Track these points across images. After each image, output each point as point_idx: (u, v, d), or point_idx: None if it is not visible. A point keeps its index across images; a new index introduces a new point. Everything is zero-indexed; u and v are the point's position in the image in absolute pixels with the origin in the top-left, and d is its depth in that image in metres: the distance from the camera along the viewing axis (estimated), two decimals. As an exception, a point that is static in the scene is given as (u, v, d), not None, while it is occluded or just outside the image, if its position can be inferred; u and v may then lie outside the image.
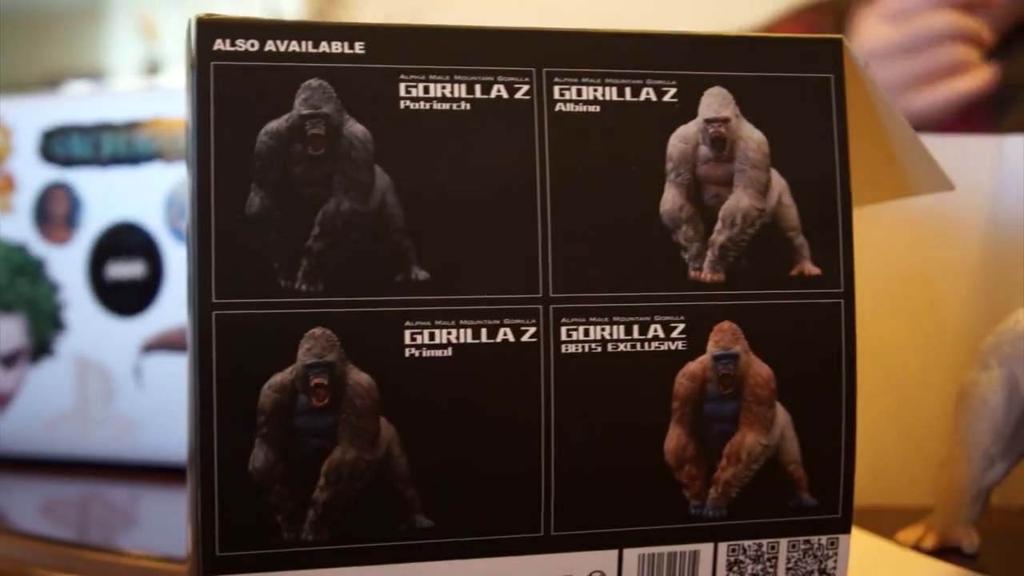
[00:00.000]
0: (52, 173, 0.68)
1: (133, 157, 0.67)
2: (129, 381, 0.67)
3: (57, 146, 0.68)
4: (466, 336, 0.36)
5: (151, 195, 0.66)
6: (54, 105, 0.69)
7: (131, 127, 0.67)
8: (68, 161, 0.68)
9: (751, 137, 0.38)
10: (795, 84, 0.39)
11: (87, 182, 0.67)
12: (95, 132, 0.67)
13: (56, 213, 0.68)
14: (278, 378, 0.35)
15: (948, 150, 0.58)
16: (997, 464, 0.47)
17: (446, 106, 0.36)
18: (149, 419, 0.66)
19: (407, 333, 0.36)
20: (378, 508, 0.36)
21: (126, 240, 0.67)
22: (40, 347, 0.68)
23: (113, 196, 0.67)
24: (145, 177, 0.67)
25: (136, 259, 0.67)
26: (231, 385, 0.34)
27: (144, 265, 0.67)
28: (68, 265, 0.68)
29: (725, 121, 0.38)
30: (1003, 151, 0.58)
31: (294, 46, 0.36)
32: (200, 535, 0.35)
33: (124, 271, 0.67)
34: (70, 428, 0.68)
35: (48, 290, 0.68)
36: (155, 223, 0.66)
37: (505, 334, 0.36)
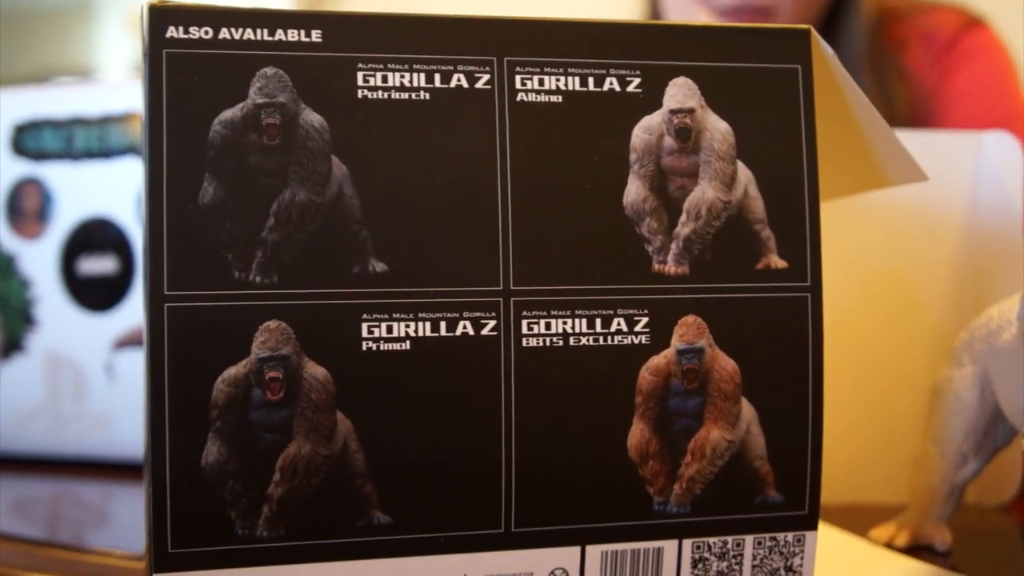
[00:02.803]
0: (24, 167, 0.67)
1: (105, 151, 0.66)
2: (101, 377, 0.66)
3: (29, 140, 0.67)
4: (425, 329, 0.35)
5: (123, 190, 0.66)
6: (26, 98, 0.68)
7: (104, 121, 0.66)
8: (40, 155, 0.67)
9: (717, 128, 0.38)
10: (762, 75, 0.38)
11: (59, 177, 0.67)
12: (67, 126, 0.67)
13: (27, 208, 0.67)
14: (232, 371, 0.34)
15: (927, 145, 0.57)
16: (970, 461, 0.47)
17: (405, 95, 0.36)
18: (121, 416, 0.66)
19: (364, 326, 0.35)
20: (335, 504, 0.35)
21: (98, 235, 0.66)
22: (11, 343, 0.67)
23: (85, 191, 0.66)
24: (117, 172, 0.66)
25: (108, 254, 0.66)
26: (183, 379, 0.34)
27: (116, 260, 0.66)
28: (39, 260, 0.67)
29: (690, 112, 0.37)
30: (982, 146, 0.58)
31: (249, 34, 0.35)
32: (152, 531, 0.34)
33: (96, 266, 0.66)
34: (41, 425, 0.67)
35: (19, 286, 0.67)
36: (127, 218, 0.66)
37: (465, 327, 0.36)
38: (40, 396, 0.67)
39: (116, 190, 0.66)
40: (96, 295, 0.66)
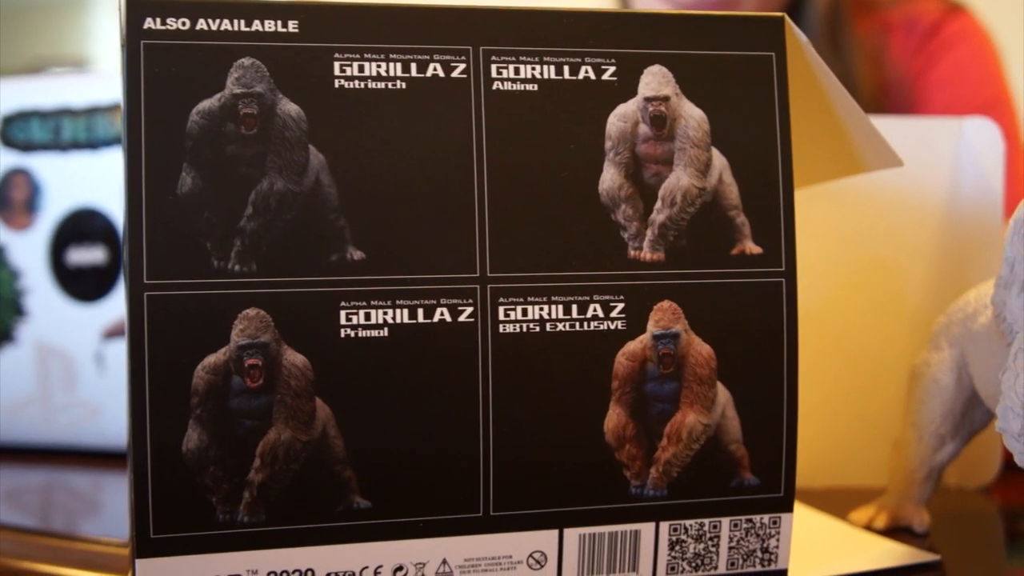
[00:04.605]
0: (11, 158, 0.67)
1: (93, 142, 0.66)
2: (91, 367, 0.66)
3: (17, 131, 0.67)
4: (402, 316, 0.36)
5: (111, 180, 0.66)
6: (13, 89, 0.69)
7: (91, 112, 0.67)
8: (28, 146, 0.67)
9: (691, 115, 0.38)
10: (736, 62, 0.38)
11: (47, 167, 0.67)
12: (55, 117, 0.67)
13: (16, 199, 0.67)
14: (211, 359, 0.35)
15: (909, 131, 0.58)
16: (948, 444, 0.47)
17: (381, 85, 0.36)
18: (111, 405, 0.66)
19: (343, 313, 0.35)
20: (315, 489, 0.35)
21: (87, 226, 0.66)
22: (1, 334, 0.68)
23: (73, 181, 0.67)
24: (105, 162, 0.66)
25: (97, 245, 0.66)
26: (163, 367, 0.34)
27: (105, 251, 0.66)
28: (29, 251, 0.67)
29: (665, 99, 0.38)
30: (963, 132, 0.58)
31: (226, 24, 0.35)
32: (134, 518, 0.34)
33: (85, 257, 0.67)
34: (32, 415, 0.67)
35: (9, 276, 0.67)
36: (115, 208, 0.66)
37: (442, 314, 0.36)
38: (31, 386, 0.67)
39: (104, 180, 0.66)
40: (85, 285, 0.66)
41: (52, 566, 0.48)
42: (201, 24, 0.35)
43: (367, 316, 0.36)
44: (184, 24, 0.35)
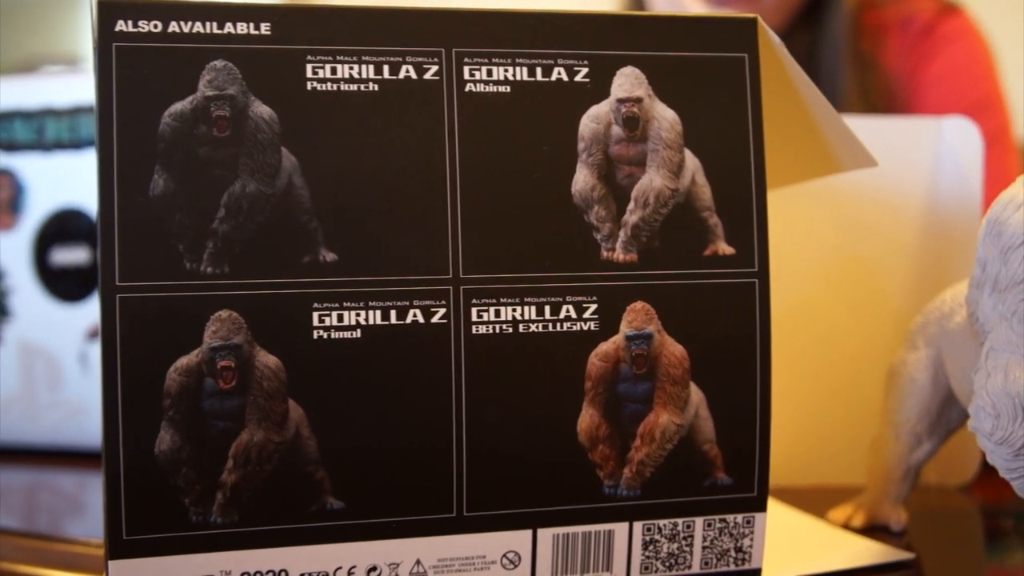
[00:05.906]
0: (-5, 159, 0.68)
1: (76, 142, 0.66)
2: (75, 367, 0.66)
3: (0, 131, 0.67)
4: (375, 318, 0.36)
5: (95, 180, 0.66)
6: (-3, 90, 0.69)
7: (74, 112, 0.67)
8: (11, 146, 0.67)
9: (664, 117, 0.38)
10: (709, 64, 0.39)
11: (30, 167, 0.67)
12: (38, 117, 0.67)
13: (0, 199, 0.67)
14: (184, 361, 0.35)
15: (888, 131, 0.58)
16: (924, 443, 0.47)
17: (354, 87, 0.36)
18: (95, 405, 0.66)
19: (315, 315, 0.36)
20: (287, 490, 0.36)
21: (70, 226, 0.66)
22: (-15, 334, 0.68)
23: (57, 181, 0.67)
24: (89, 162, 0.66)
25: (80, 245, 0.66)
26: (136, 368, 0.34)
27: (89, 251, 0.66)
28: (12, 251, 0.67)
29: (638, 101, 0.38)
30: (942, 132, 0.58)
31: (198, 27, 0.35)
32: (107, 519, 0.34)
33: (69, 257, 0.67)
34: (16, 414, 0.67)
35: (-8, 276, 0.67)
36: (99, 208, 0.66)
37: (415, 315, 0.36)
38: (15, 386, 0.67)
39: (88, 180, 0.66)
40: (69, 285, 0.66)
41: (32, 567, 0.48)
42: (173, 26, 0.35)
43: (340, 317, 0.36)
44: (156, 27, 0.35)
